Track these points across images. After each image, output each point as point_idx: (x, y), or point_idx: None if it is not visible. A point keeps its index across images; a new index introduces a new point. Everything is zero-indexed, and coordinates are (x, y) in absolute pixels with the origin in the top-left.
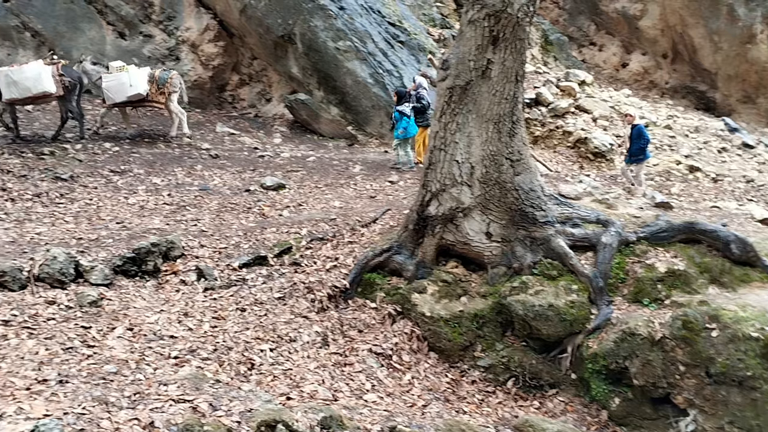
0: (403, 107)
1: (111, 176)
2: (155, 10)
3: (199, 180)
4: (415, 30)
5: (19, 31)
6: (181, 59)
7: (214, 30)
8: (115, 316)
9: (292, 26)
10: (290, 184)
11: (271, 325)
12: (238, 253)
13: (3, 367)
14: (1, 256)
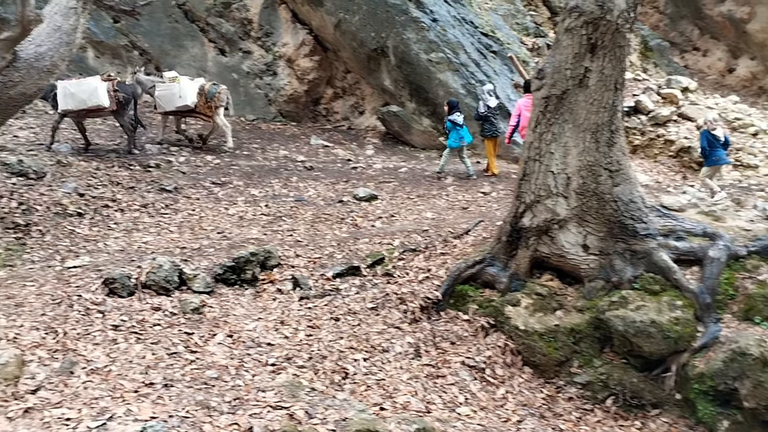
0: (455, 116)
1: (212, 188)
2: (254, 27)
3: (294, 191)
4: (508, 40)
5: (128, 50)
6: (278, 74)
7: (309, 45)
8: (215, 323)
9: (385, 39)
10: (382, 195)
11: (364, 335)
12: (332, 263)
13: (113, 369)
14: (112, 264)
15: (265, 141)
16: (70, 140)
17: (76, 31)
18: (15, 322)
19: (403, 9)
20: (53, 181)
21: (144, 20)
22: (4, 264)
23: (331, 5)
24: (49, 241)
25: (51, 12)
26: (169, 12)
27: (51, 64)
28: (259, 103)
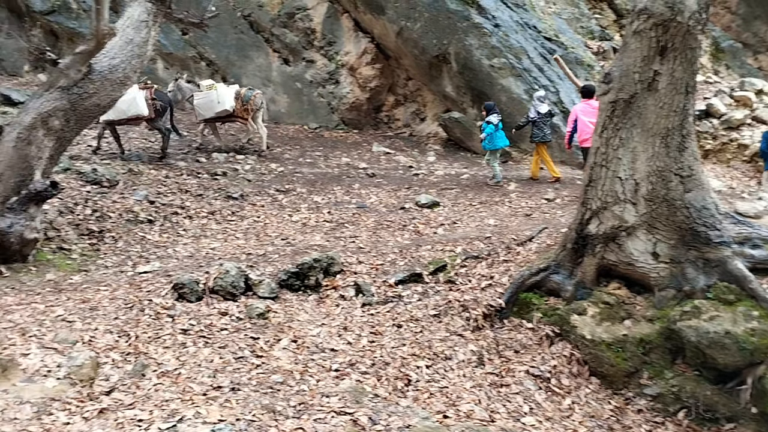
0: (492, 118)
1: (276, 195)
2: (317, 36)
3: (356, 198)
4: (572, 44)
5: (195, 61)
6: (340, 82)
7: (371, 53)
8: (280, 328)
9: (446, 46)
10: (444, 201)
11: (427, 342)
12: (394, 270)
13: (183, 373)
14: (181, 270)
15: (328, 149)
16: (141, 149)
17: (147, 44)
18: (90, 325)
19: (465, 15)
20: (125, 189)
21: (211, 32)
22: (80, 269)
23: (393, 13)
24: (121, 247)
25: (123, 25)
26: (235, 23)
27: (124, 75)
28: (321, 111)
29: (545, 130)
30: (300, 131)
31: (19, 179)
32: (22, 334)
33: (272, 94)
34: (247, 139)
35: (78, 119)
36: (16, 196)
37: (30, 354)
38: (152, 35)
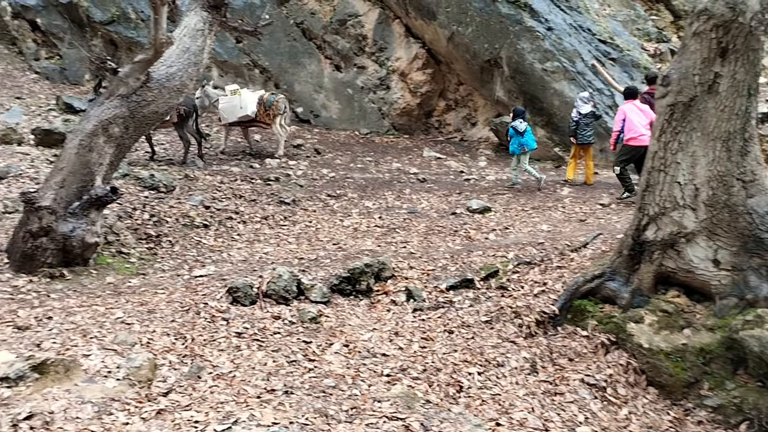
0: (517, 123)
1: (328, 200)
2: (368, 42)
3: (407, 203)
4: (628, 46)
5: (249, 69)
6: (391, 88)
7: (422, 58)
8: (332, 333)
9: (498, 50)
10: (496, 207)
11: (479, 349)
12: (445, 276)
13: (237, 375)
14: (235, 274)
15: (379, 154)
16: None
17: (203, 52)
18: (148, 327)
19: (517, 19)
20: (181, 195)
21: (264, 39)
22: (138, 272)
23: (444, 18)
24: (177, 251)
25: (180, 34)
26: (288, 31)
27: (180, 83)
28: (372, 116)
29: (586, 131)
30: (351, 137)
31: (81, 185)
32: (84, 336)
33: (324, 101)
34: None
35: (137, 126)
36: (78, 201)
37: (91, 355)
38: (208, 44)
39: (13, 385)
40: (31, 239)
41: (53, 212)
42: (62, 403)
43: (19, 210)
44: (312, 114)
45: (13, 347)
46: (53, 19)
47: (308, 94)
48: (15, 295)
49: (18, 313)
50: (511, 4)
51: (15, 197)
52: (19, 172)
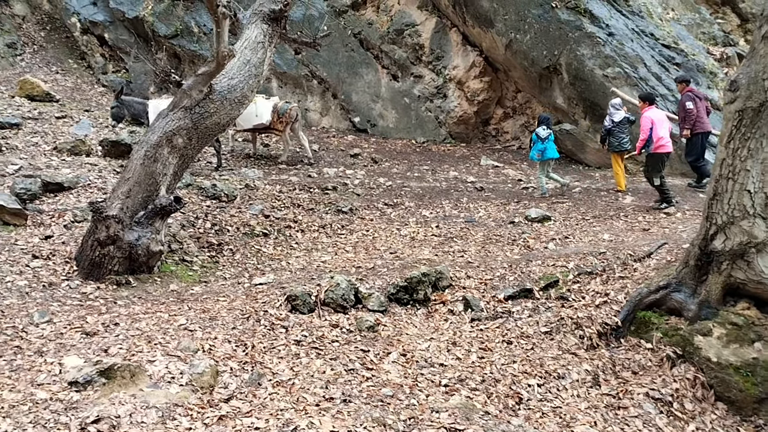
0: (540, 130)
1: (385, 209)
2: (425, 51)
3: (464, 212)
4: (693, 50)
5: (308, 80)
6: (448, 96)
7: (479, 66)
8: (389, 342)
9: (557, 57)
10: (555, 216)
11: (538, 360)
12: (504, 285)
13: (296, 383)
14: (294, 282)
15: (436, 162)
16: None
17: (264, 64)
18: (210, 334)
19: (576, 25)
20: (242, 204)
21: (323, 50)
22: (200, 280)
23: (502, 26)
24: (238, 259)
25: (242, 47)
26: (346, 42)
27: (241, 95)
28: (429, 125)
29: (622, 138)
30: (408, 145)
31: (146, 195)
32: (149, 342)
33: (381, 110)
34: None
35: (199, 137)
36: (143, 210)
37: (155, 361)
38: (268, 56)
39: (82, 390)
40: (99, 247)
41: (120, 221)
42: (128, 407)
43: (87, 219)
44: (369, 123)
45: (82, 352)
46: (120, 34)
47: (365, 104)
48: (84, 302)
49: (86, 319)
50: (571, 11)
51: (84, 207)
52: (87, 183)
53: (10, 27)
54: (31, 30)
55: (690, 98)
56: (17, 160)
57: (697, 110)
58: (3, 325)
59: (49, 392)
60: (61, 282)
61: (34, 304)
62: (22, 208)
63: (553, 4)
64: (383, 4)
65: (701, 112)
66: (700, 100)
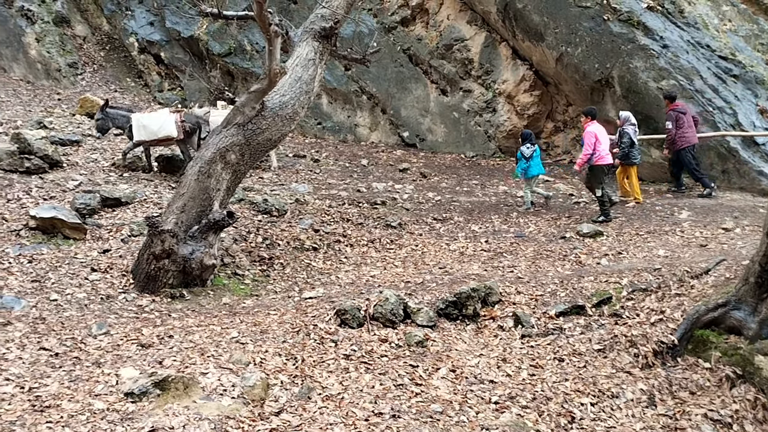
0: (524, 148)
1: (434, 224)
2: (474, 66)
3: (514, 227)
4: (751, 62)
5: (357, 95)
6: (497, 111)
7: (529, 80)
8: (439, 357)
9: (609, 70)
10: (608, 231)
11: (591, 378)
12: (555, 301)
13: (345, 397)
14: (343, 296)
15: (485, 177)
16: (307, 181)
17: (314, 81)
18: (261, 347)
19: (629, 37)
20: (292, 218)
21: (372, 66)
22: (252, 293)
23: (553, 39)
24: (288, 273)
25: (293, 64)
26: (395, 57)
27: (293, 111)
28: (478, 139)
29: (633, 151)
30: (457, 160)
31: (200, 209)
32: (202, 354)
33: (429, 125)
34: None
35: (252, 153)
36: (197, 225)
37: (208, 373)
38: (319, 72)
39: (137, 401)
40: (155, 261)
41: (175, 235)
42: (181, 419)
43: (144, 233)
44: (418, 138)
45: (138, 364)
46: (176, 52)
47: (414, 119)
48: (139, 314)
49: (142, 331)
50: (624, 23)
51: (140, 221)
52: (144, 198)
53: (72, 47)
54: (91, 50)
55: (671, 118)
56: (77, 176)
57: (679, 127)
58: (63, 336)
59: (106, 403)
60: (118, 295)
61: (92, 316)
62: (81, 222)
63: (605, 16)
64: (432, 19)
65: (685, 127)
66: (685, 115)
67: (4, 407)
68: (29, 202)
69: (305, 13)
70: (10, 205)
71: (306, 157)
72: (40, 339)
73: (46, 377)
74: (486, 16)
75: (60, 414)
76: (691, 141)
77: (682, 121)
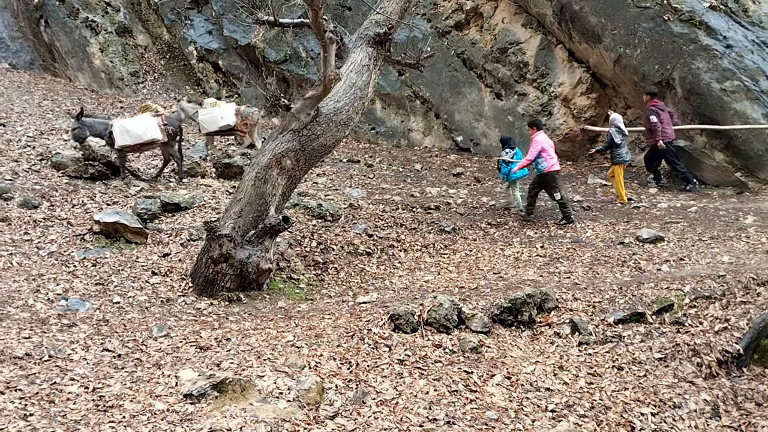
0: (503, 154)
1: (488, 229)
2: (529, 69)
3: (571, 232)
4: None
5: (411, 100)
6: (553, 114)
7: (586, 83)
8: (493, 364)
9: (670, 71)
10: (669, 236)
11: (652, 388)
12: (613, 308)
13: (400, 403)
14: (397, 301)
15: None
16: (361, 186)
17: (368, 86)
18: (315, 351)
19: (691, 38)
20: (346, 223)
21: (426, 71)
22: (306, 297)
23: (611, 41)
24: (342, 277)
25: (347, 70)
26: (449, 62)
27: (347, 117)
28: None
29: (618, 151)
30: None
31: (257, 214)
32: (258, 357)
33: (484, 129)
34: (244, 148)
35: (307, 159)
36: (253, 229)
37: (264, 376)
38: (373, 78)
39: (196, 402)
40: (213, 265)
41: (232, 240)
42: (238, 421)
43: (202, 238)
44: (472, 142)
45: (196, 366)
46: (233, 60)
47: (468, 123)
48: (198, 317)
49: (200, 333)
50: (685, 23)
51: (199, 226)
52: (202, 203)
53: (134, 57)
54: (152, 59)
55: (654, 112)
56: (139, 182)
57: (660, 122)
58: (125, 338)
59: (166, 403)
60: (178, 298)
61: (153, 319)
62: (143, 227)
63: (665, 16)
64: (487, 23)
65: (665, 124)
66: (664, 112)
67: (70, 406)
68: (93, 207)
69: (359, 19)
70: (76, 210)
71: (360, 161)
72: (103, 340)
73: (109, 378)
74: (541, 18)
75: (122, 414)
76: (670, 136)
77: (662, 117)
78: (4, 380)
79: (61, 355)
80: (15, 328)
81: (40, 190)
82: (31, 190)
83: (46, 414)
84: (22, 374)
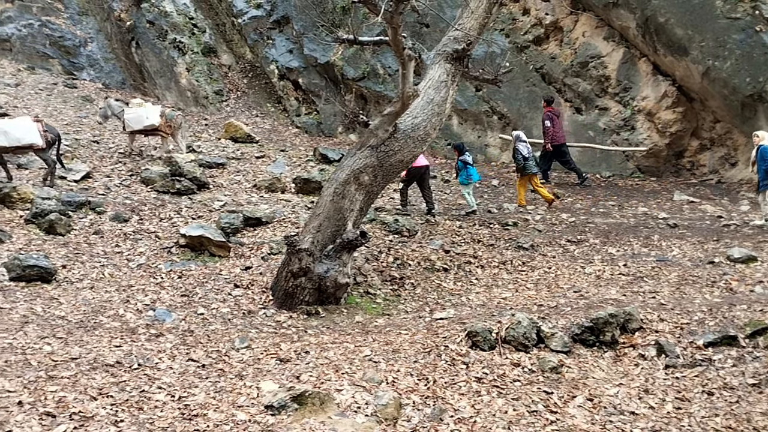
0: (465, 157)
1: (568, 246)
2: (611, 83)
3: (656, 250)
4: None
5: (488, 115)
6: (636, 128)
7: (672, 96)
8: (574, 385)
9: (762, 84)
10: (763, 256)
11: (745, 415)
12: (703, 331)
13: (478, 421)
14: (474, 318)
15: (623, 198)
16: (437, 201)
17: (446, 102)
18: (393, 366)
19: None
20: (423, 239)
21: (504, 86)
22: (383, 312)
23: (698, 53)
24: (419, 293)
25: (425, 87)
26: (528, 77)
27: (424, 133)
28: (615, 159)
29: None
30: (592, 180)
31: (335, 229)
32: (336, 371)
33: None
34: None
35: (384, 175)
36: (331, 244)
37: (342, 390)
38: (450, 94)
39: (276, 414)
40: (292, 279)
41: (311, 254)
42: None
43: (282, 252)
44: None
45: (276, 378)
46: (312, 78)
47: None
48: (278, 330)
49: (280, 346)
50: None
51: (279, 240)
52: (282, 217)
53: (218, 76)
54: (235, 78)
55: (548, 117)
56: (222, 197)
57: (553, 127)
58: (209, 348)
59: (248, 414)
60: (259, 310)
61: (235, 330)
62: (226, 240)
63: (757, 27)
64: (567, 37)
65: (557, 128)
66: (558, 117)
67: (157, 414)
68: (179, 221)
69: (436, 36)
70: (163, 223)
71: (436, 177)
72: (188, 350)
73: (194, 387)
74: (624, 31)
75: (206, 423)
76: (561, 140)
77: (555, 122)
78: (97, 387)
79: (149, 364)
80: (107, 337)
81: (130, 204)
82: (122, 205)
83: (135, 421)
84: (113, 381)
